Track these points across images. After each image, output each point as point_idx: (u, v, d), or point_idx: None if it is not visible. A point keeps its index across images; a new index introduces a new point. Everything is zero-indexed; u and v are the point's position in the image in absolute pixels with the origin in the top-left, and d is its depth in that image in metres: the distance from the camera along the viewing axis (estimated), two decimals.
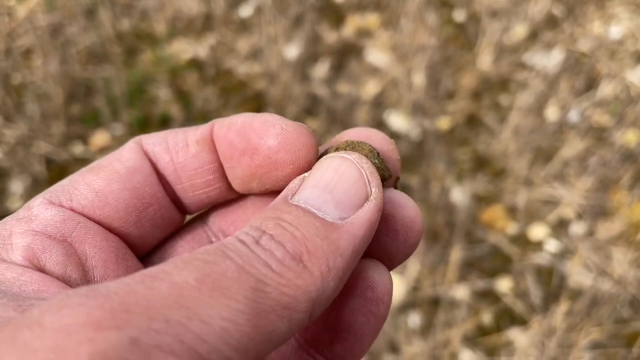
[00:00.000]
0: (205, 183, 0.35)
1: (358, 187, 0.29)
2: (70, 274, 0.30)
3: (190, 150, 0.34)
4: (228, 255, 0.24)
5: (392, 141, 0.36)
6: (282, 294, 0.24)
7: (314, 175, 0.30)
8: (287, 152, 0.32)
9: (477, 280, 1.41)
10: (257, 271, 0.24)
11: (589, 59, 1.85)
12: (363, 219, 0.28)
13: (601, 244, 1.47)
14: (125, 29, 1.92)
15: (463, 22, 1.97)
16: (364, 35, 1.93)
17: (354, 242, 0.27)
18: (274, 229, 0.26)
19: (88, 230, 0.32)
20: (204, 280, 0.23)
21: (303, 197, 0.29)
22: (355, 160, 0.30)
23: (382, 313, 0.32)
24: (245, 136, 0.33)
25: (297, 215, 0.27)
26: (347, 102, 1.73)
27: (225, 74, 1.83)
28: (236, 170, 0.34)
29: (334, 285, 0.26)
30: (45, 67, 1.73)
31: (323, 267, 0.25)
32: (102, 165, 0.34)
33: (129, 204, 0.33)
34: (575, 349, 1.29)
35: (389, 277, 0.33)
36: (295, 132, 0.33)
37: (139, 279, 0.23)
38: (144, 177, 0.34)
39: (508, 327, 1.34)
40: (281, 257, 0.25)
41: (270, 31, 1.84)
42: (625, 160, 1.61)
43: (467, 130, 1.70)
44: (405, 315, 1.36)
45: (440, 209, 1.51)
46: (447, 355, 1.30)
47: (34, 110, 1.67)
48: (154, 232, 0.35)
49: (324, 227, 0.27)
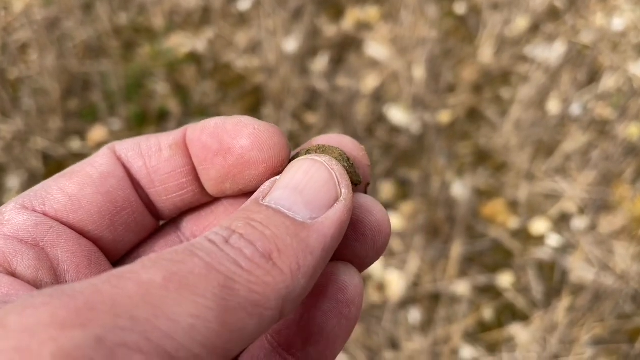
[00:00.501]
0: (178, 186, 0.35)
1: (328, 188, 0.30)
2: (42, 278, 0.30)
3: (163, 154, 0.35)
4: (196, 254, 0.24)
5: (362, 147, 0.37)
6: (252, 291, 0.24)
7: (284, 177, 0.31)
8: (260, 151, 0.33)
9: (478, 276, 1.39)
10: (225, 269, 0.24)
11: (591, 51, 1.83)
12: (333, 218, 0.29)
13: (603, 239, 1.45)
14: (123, 22, 1.90)
15: (464, 14, 1.95)
16: (363, 28, 1.91)
17: (324, 241, 0.28)
18: (244, 228, 0.26)
19: (60, 235, 0.32)
20: (171, 279, 0.23)
21: (274, 198, 0.29)
22: (325, 162, 0.31)
23: (353, 315, 0.33)
24: (218, 137, 0.34)
25: (268, 215, 0.28)
26: (346, 95, 1.72)
27: (223, 67, 1.82)
28: (210, 171, 0.35)
29: (304, 283, 0.26)
30: (42, 62, 1.71)
31: (293, 264, 0.26)
32: (75, 170, 0.34)
33: (103, 208, 0.33)
34: (577, 344, 1.28)
35: (359, 280, 0.34)
36: (267, 132, 0.33)
37: (105, 278, 0.22)
38: (117, 181, 0.34)
39: (509, 322, 1.33)
40: (250, 255, 0.25)
41: (268, 24, 1.82)
42: (627, 153, 1.59)
43: (468, 124, 1.68)
44: (405, 311, 1.34)
45: (441, 204, 1.50)
46: (448, 351, 1.29)
47: (31, 105, 1.65)
48: (127, 236, 0.35)
49: (294, 226, 0.27)
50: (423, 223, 1.46)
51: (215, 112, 1.70)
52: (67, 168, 0.35)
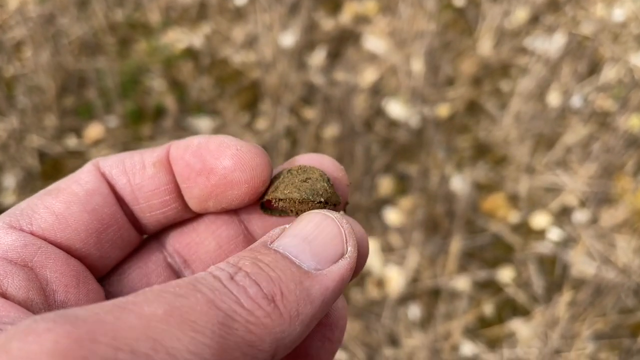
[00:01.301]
0: (162, 204, 0.36)
1: (336, 243, 0.31)
2: (33, 299, 0.30)
3: (147, 172, 0.35)
4: (199, 289, 0.25)
5: (341, 167, 0.38)
6: (249, 331, 0.25)
7: (295, 226, 0.31)
8: (242, 171, 0.34)
9: (478, 271, 1.38)
10: (227, 306, 0.25)
11: (591, 43, 1.81)
12: (336, 273, 0.29)
13: (605, 232, 1.44)
14: (119, 19, 1.88)
15: (463, 6, 1.93)
16: (361, 21, 1.90)
17: (325, 292, 0.28)
18: (251, 267, 0.27)
19: (49, 255, 0.32)
20: (173, 313, 0.23)
21: (282, 244, 0.30)
22: (336, 218, 0.32)
23: (337, 337, 0.35)
24: (201, 157, 0.34)
25: (275, 258, 0.28)
26: (344, 90, 1.70)
27: (220, 63, 1.80)
28: (193, 190, 0.35)
29: (300, 331, 0.27)
30: (37, 59, 1.70)
31: (293, 310, 0.27)
32: (61, 188, 0.34)
33: (89, 226, 0.34)
34: (578, 339, 1.27)
35: (343, 303, 0.35)
36: (249, 153, 0.34)
37: (108, 308, 0.23)
38: (103, 199, 0.34)
39: (510, 318, 1.32)
40: (254, 294, 0.26)
41: (265, 19, 1.80)
42: (629, 145, 1.57)
43: (467, 117, 1.67)
44: (405, 307, 1.33)
45: (440, 198, 1.49)
46: (448, 347, 1.28)
47: (26, 103, 1.64)
48: (113, 252, 0.36)
49: (300, 274, 0.28)
50: (422, 218, 1.44)
51: (213, 108, 1.68)
52: (52, 184, 0.35)
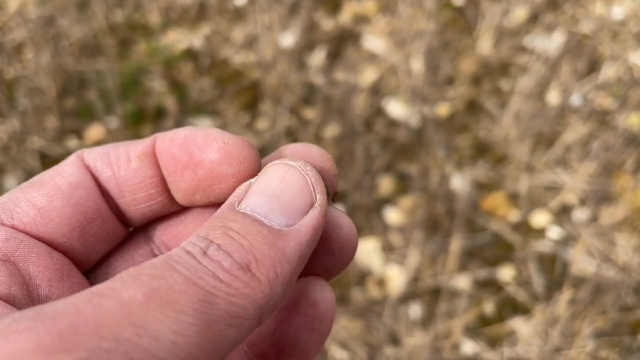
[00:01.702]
0: (147, 197, 0.35)
1: (303, 194, 0.30)
2: (15, 294, 0.29)
3: (132, 164, 0.34)
4: (175, 268, 0.24)
5: (329, 157, 0.37)
6: (231, 303, 0.24)
7: (260, 182, 0.31)
8: (230, 165, 0.33)
9: (478, 270, 1.38)
10: (205, 283, 0.24)
11: (591, 41, 1.81)
12: (309, 225, 0.29)
13: (605, 230, 1.44)
14: (119, 20, 1.89)
15: (462, 5, 1.94)
16: (361, 21, 1.90)
17: (300, 248, 0.28)
18: (221, 238, 0.27)
19: (31, 249, 0.32)
20: (152, 296, 0.23)
21: (249, 204, 0.29)
22: (300, 167, 0.31)
23: (325, 329, 0.34)
24: (187, 150, 0.34)
25: (244, 223, 0.28)
26: (344, 90, 1.70)
27: (220, 63, 1.81)
28: (179, 183, 0.34)
29: (281, 291, 0.27)
30: (38, 61, 1.70)
31: (271, 274, 0.26)
32: (44, 180, 0.33)
33: (73, 220, 0.33)
34: (578, 337, 1.27)
35: (331, 294, 0.35)
36: (237, 146, 0.33)
37: (86, 298, 0.22)
38: (87, 192, 0.34)
39: (510, 316, 1.32)
40: (229, 267, 0.25)
41: (265, 19, 1.81)
42: (628, 144, 1.58)
43: (467, 116, 1.67)
44: (405, 306, 1.34)
45: (440, 197, 1.49)
46: (449, 346, 1.28)
47: (27, 104, 1.64)
48: (98, 246, 0.35)
49: (271, 235, 0.27)
50: (422, 217, 1.45)
51: (213, 108, 1.69)
52: (35, 176, 0.34)
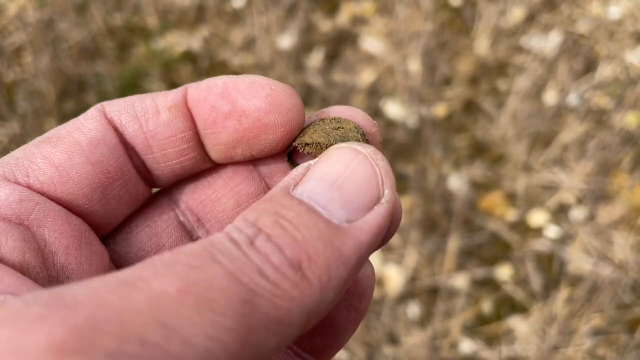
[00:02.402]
0: (178, 153, 0.32)
1: (370, 187, 0.26)
2: (29, 262, 0.26)
3: (162, 117, 0.31)
4: (217, 258, 0.21)
5: (374, 123, 0.34)
6: (276, 307, 0.21)
7: (321, 165, 0.27)
8: (279, 113, 0.30)
9: (476, 269, 1.39)
10: (249, 280, 0.21)
11: (587, 41, 1.82)
12: (372, 224, 0.25)
13: (602, 229, 1.45)
14: (117, 23, 1.90)
15: (459, 6, 1.94)
16: (358, 22, 1.91)
17: (359, 249, 0.24)
18: (272, 227, 0.23)
19: (48, 212, 0.29)
20: (188, 290, 0.20)
21: (307, 190, 0.26)
22: (369, 154, 0.27)
23: (364, 307, 0.31)
24: (229, 98, 0.30)
25: (300, 212, 0.24)
26: (342, 91, 1.71)
27: (219, 65, 1.81)
28: (219, 135, 0.31)
29: (333, 296, 0.23)
30: (37, 64, 1.71)
31: (324, 276, 0.23)
32: (61, 135, 0.30)
33: (94, 179, 0.30)
34: (576, 335, 1.28)
35: (372, 271, 0.32)
36: (285, 94, 0.30)
37: (112, 286, 0.20)
38: (109, 149, 0.30)
39: (508, 315, 1.33)
40: (278, 263, 0.22)
41: (263, 21, 1.82)
42: (625, 142, 1.58)
43: (464, 117, 1.68)
44: (404, 305, 1.34)
45: (438, 197, 1.50)
46: (447, 345, 1.29)
47: (27, 108, 1.65)
48: (119, 209, 0.32)
49: (329, 230, 0.24)
50: (420, 217, 1.45)
51: None
52: (50, 131, 0.31)
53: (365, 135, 0.32)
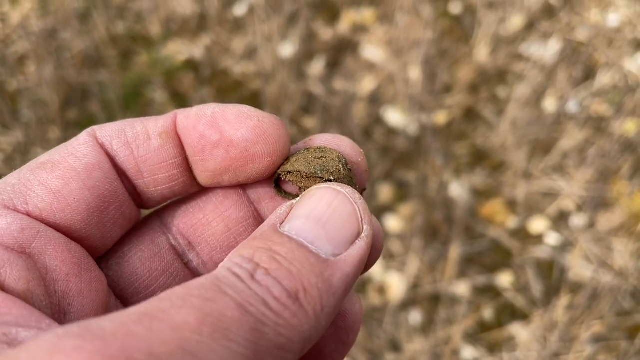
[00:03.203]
0: (168, 178, 0.33)
1: (351, 223, 0.28)
2: (33, 290, 0.27)
3: (152, 143, 0.32)
4: (225, 291, 0.23)
5: (361, 151, 0.35)
6: (279, 334, 0.23)
7: (305, 204, 0.29)
8: (265, 144, 0.31)
9: (477, 276, 1.40)
10: (256, 310, 0.23)
11: (586, 48, 1.83)
12: (355, 256, 0.27)
13: (602, 236, 1.46)
14: (120, 31, 1.91)
15: (459, 14, 1.96)
16: (359, 30, 1.92)
17: (346, 280, 0.27)
18: (269, 262, 0.25)
19: (49, 240, 0.29)
20: (205, 321, 0.22)
21: (295, 227, 0.28)
22: (348, 194, 0.29)
23: (351, 340, 0.33)
24: (218, 128, 0.31)
25: (291, 248, 0.26)
26: (343, 99, 1.72)
27: (221, 74, 1.83)
28: (207, 163, 0.32)
29: (325, 324, 0.26)
30: (40, 73, 1.72)
31: (317, 306, 0.25)
32: (56, 161, 0.31)
33: (90, 204, 0.31)
34: (577, 342, 1.29)
35: (359, 307, 0.33)
36: (271, 125, 0.32)
37: (136, 317, 0.21)
38: (104, 174, 0.31)
39: (509, 322, 1.34)
40: (278, 294, 0.24)
41: (264, 30, 1.83)
42: (624, 150, 1.59)
43: (464, 124, 1.69)
44: (406, 313, 1.35)
45: (439, 205, 1.51)
46: (449, 352, 1.30)
47: (30, 116, 1.67)
48: (114, 231, 0.33)
49: (319, 264, 0.26)
50: (422, 224, 1.46)
51: None
52: (42, 156, 0.31)
53: (347, 165, 0.33)
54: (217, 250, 0.35)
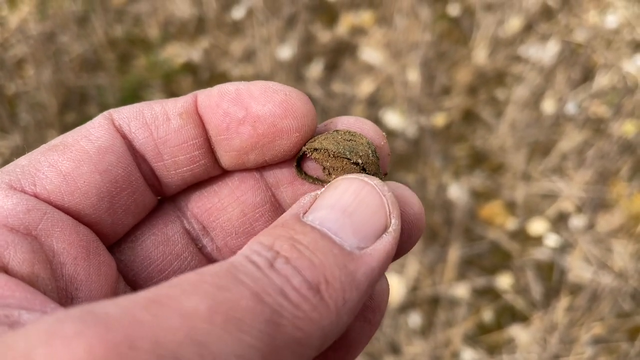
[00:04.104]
0: (189, 160, 0.32)
1: (379, 216, 0.27)
2: (38, 273, 0.26)
3: (172, 124, 0.31)
4: (240, 279, 0.22)
5: (384, 135, 0.35)
6: (297, 328, 0.22)
7: (330, 194, 0.28)
8: (294, 119, 0.31)
9: (476, 278, 1.40)
10: (272, 300, 0.22)
11: (585, 50, 1.83)
12: (381, 251, 0.26)
13: (601, 237, 1.46)
14: (118, 35, 1.91)
15: (457, 16, 1.96)
16: (358, 33, 1.92)
17: (370, 275, 0.25)
18: (290, 250, 0.24)
19: (56, 222, 0.28)
20: (217, 309, 0.21)
21: (318, 217, 0.27)
22: (377, 186, 0.28)
23: (377, 320, 0.31)
24: (243, 104, 0.31)
25: (314, 238, 0.25)
26: (342, 101, 1.72)
27: (219, 77, 1.83)
28: (233, 141, 0.31)
29: (346, 320, 0.24)
30: (39, 77, 1.72)
31: (339, 300, 0.24)
32: (68, 143, 0.30)
33: (102, 188, 0.30)
34: (577, 344, 1.29)
35: (387, 285, 0.32)
36: (299, 99, 0.31)
37: (143, 303, 0.20)
38: (117, 158, 0.30)
39: (509, 324, 1.34)
40: (298, 285, 0.23)
41: (262, 33, 1.83)
42: (623, 151, 1.59)
43: (463, 126, 1.69)
44: (405, 315, 1.35)
45: (438, 207, 1.51)
46: (449, 354, 1.29)
47: (29, 120, 1.66)
48: (126, 218, 0.32)
49: (343, 256, 0.25)
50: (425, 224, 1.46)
51: None
52: (56, 138, 0.30)
53: (376, 153, 0.33)
54: (232, 236, 0.34)
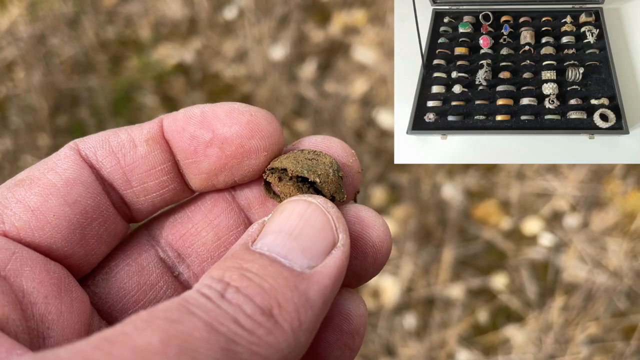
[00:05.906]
0: (159, 185, 0.32)
1: (325, 234, 0.27)
2: (8, 315, 0.25)
3: (139, 150, 0.31)
4: (192, 311, 0.22)
5: (352, 152, 0.34)
6: (254, 353, 0.22)
7: (276, 219, 0.28)
8: (261, 138, 0.31)
9: (471, 278, 1.39)
10: (226, 329, 0.22)
11: None
12: (332, 267, 0.26)
13: (596, 236, 1.45)
14: (110, 36, 1.90)
15: None
16: (350, 32, 1.91)
17: (324, 292, 0.26)
18: (239, 280, 0.24)
19: (25, 261, 0.28)
20: (170, 342, 0.20)
21: (266, 243, 0.27)
22: (320, 204, 0.28)
23: (356, 345, 0.31)
24: (209, 126, 0.31)
25: (263, 264, 0.25)
26: (335, 101, 1.72)
27: (212, 77, 1.82)
28: (201, 164, 0.31)
29: (304, 340, 0.24)
30: (29, 79, 1.71)
31: (294, 321, 0.24)
32: (34, 177, 0.29)
33: (71, 221, 0.29)
34: (572, 344, 1.28)
35: (364, 308, 0.32)
36: (265, 119, 0.31)
37: (94, 343, 0.20)
38: (85, 189, 0.30)
39: (504, 324, 1.33)
40: (251, 312, 0.23)
41: (255, 33, 1.82)
42: None
43: None
44: (400, 317, 1.35)
45: (432, 207, 1.50)
46: (444, 355, 1.29)
47: (19, 123, 1.65)
48: (98, 248, 0.31)
49: (293, 278, 0.25)
50: (415, 227, 1.46)
51: None
52: (21, 173, 0.30)
53: (339, 172, 0.32)
54: (208, 261, 0.34)
